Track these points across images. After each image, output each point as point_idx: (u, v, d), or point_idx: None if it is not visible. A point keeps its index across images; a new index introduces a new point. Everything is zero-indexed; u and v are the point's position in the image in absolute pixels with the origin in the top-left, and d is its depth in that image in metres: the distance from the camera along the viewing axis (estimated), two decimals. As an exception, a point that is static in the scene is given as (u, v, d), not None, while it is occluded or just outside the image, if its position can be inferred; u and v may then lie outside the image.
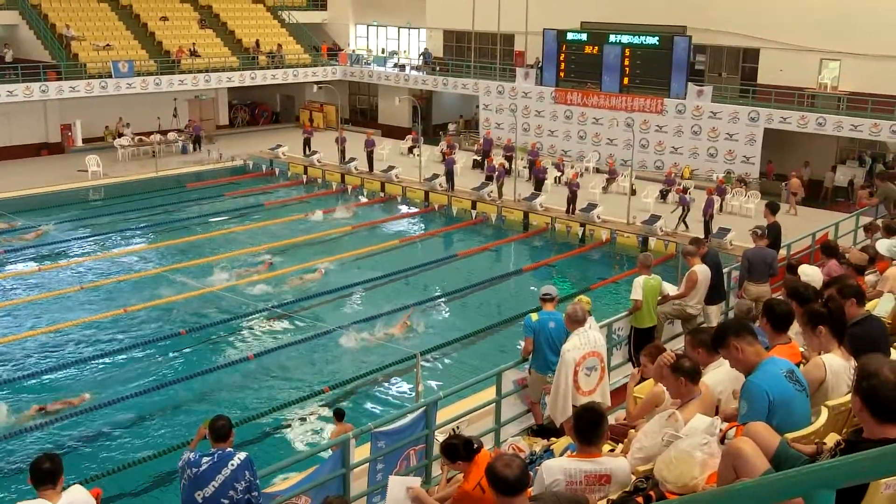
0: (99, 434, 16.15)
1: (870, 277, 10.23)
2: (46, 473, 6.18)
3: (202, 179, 37.00)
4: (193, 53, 43.00)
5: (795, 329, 6.91)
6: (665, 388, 6.87)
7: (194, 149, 41.24)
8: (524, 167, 35.63)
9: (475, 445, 6.93)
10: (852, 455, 2.63)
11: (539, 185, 33.15)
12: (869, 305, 7.75)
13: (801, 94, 34.77)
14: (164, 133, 41.83)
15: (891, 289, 8.95)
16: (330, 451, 9.14)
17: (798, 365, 5.80)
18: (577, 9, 40.03)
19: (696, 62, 38.61)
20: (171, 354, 19.66)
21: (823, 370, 5.72)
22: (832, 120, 33.00)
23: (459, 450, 6.89)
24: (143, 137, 40.78)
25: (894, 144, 33.37)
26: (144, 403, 17.18)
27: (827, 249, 12.05)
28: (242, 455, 7.30)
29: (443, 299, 23.52)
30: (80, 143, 40.46)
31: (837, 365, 5.76)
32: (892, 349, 6.41)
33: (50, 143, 40.33)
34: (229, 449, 7.33)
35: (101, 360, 19.17)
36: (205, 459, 7.24)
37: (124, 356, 19.45)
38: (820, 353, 6.05)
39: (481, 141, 39.73)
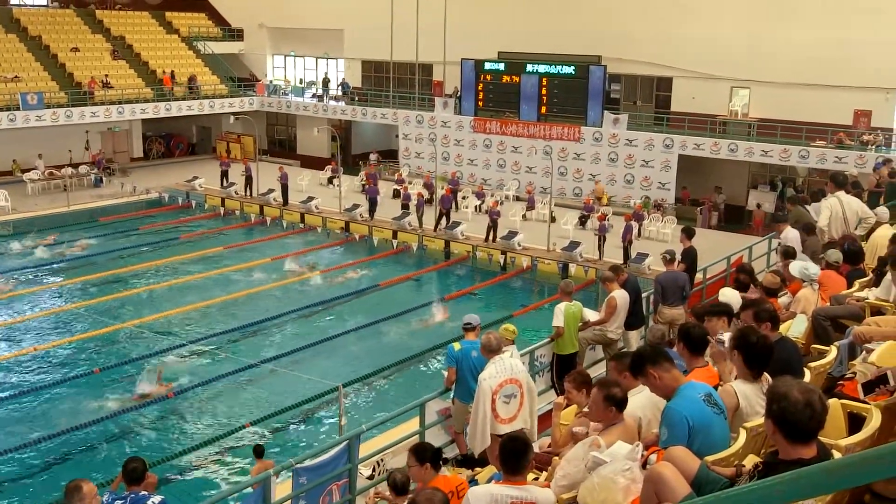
0: (12, 476, 15.61)
1: (783, 299, 10.43)
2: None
3: (116, 213, 36.13)
4: (106, 85, 42.21)
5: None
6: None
7: (102, 179, 40.41)
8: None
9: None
10: (769, 479, 2.63)
11: (447, 214, 32.71)
12: (783, 328, 7.89)
13: (713, 121, 35.65)
14: (76, 166, 40.93)
15: (803, 310, 9.14)
16: (251, 489, 8.94)
17: (715, 387, 5.85)
18: (495, 39, 40.47)
19: (612, 91, 39.39)
20: (85, 393, 19.03)
21: (735, 398, 5.76)
22: (743, 146, 33.85)
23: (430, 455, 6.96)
24: (54, 171, 39.84)
25: (804, 169, 34.36)
26: (59, 443, 16.62)
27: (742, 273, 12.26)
28: (157, 499, 7.07)
29: (365, 329, 23.31)
30: (-13, 177, 39.42)
31: (748, 389, 5.81)
32: (805, 370, 6.52)
33: (-44, 178, 39.10)
34: (143, 492, 7.10)
35: (10, 402, 18.50)
36: (117, 503, 7.01)
37: (36, 396, 18.78)
38: (734, 378, 6.09)
39: (400, 173, 39.92)
